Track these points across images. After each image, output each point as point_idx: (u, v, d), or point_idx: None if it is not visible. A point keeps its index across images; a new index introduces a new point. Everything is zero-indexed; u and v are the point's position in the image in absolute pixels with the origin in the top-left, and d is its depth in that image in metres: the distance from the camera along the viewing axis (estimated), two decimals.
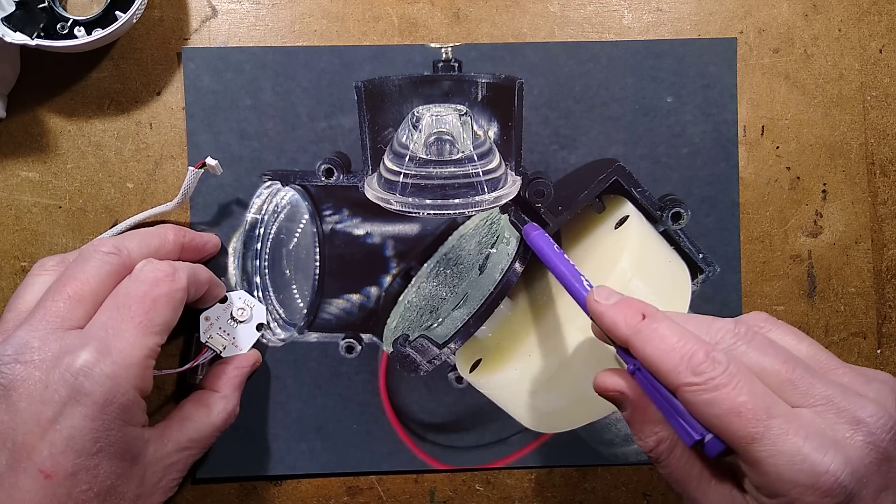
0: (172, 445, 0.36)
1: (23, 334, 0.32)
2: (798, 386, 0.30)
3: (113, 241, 0.36)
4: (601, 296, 0.33)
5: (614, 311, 0.33)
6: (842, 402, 0.29)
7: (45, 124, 0.42)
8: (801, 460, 0.28)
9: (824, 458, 0.28)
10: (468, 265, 0.43)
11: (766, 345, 0.31)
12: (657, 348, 0.31)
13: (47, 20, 0.40)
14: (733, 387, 0.29)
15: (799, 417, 0.29)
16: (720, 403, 0.29)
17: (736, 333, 0.31)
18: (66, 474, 0.30)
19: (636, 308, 0.32)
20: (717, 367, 0.29)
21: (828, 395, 0.30)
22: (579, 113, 0.43)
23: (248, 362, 0.41)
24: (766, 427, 0.28)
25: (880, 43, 0.44)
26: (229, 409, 0.39)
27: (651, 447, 0.32)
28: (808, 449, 0.28)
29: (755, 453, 0.28)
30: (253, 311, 0.41)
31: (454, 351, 0.43)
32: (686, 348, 0.30)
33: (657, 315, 0.32)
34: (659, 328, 0.31)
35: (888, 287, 0.44)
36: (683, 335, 0.31)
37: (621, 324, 0.32)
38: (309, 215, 0.43)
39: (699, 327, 0.31)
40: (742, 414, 0.28)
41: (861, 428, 0.29)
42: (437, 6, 0.43)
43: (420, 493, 0.43)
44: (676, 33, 0.44)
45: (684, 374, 0.30)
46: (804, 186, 0.44)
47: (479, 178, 0.43)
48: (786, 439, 0.28)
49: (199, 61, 0.42)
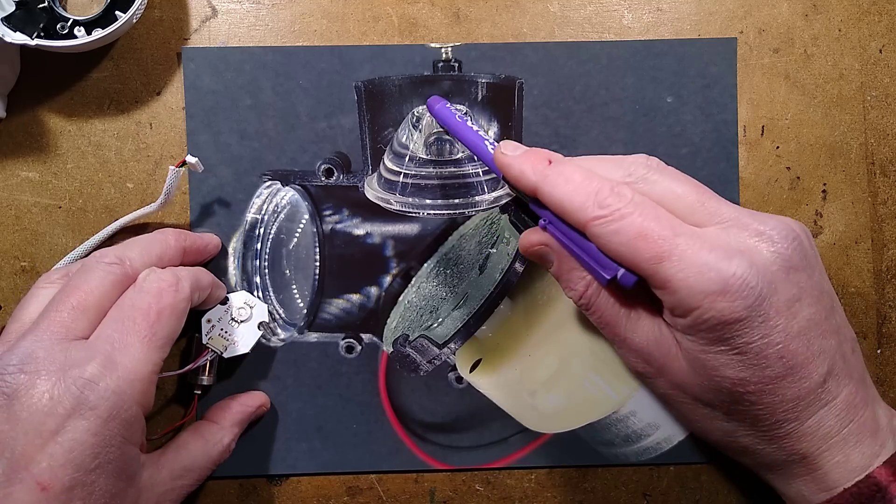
0: (167, 473, 0.36)
1: (27, 344, 0.32)
2: (707, 207, 0.31)
3: (115, 252, 0.36)
4: (507, 148, 0.34)
5: (521, 160, 0.33)
6: (746, 219, 0.30)
7: (45, 124, 0.42)
8: (708, 269, 0.28)
9: (730, 263, 0.29)
10: (468, 265, 0.43)
11: (677, 173, 0.32)
12: (564, 190, 0.31)
13: (47, 20, 0.40)
14: (639, 213, 0.30)
15: (704, 234, 0.30)
16: (626, 231, 0.29)
17: (648, 165, 0.32)
18: (62, 488, 0.30)
19: (542, 155, 0.33)
20: (622, 199, 0.30)
21: (733, 214, 0.31)
22: (579, 113, 0.43)
23: (254, 402, 0.41)
24: (673, 245, 0.29)
25: (880, 43, 0.44)
26: (225, 443, 0.39)
27: (580, 293, 0.33)
28: (713, 258, 0.29)
29: (664, 272, 0.29)
30: (253, 310, 0.41)
31: (454, 351, 0.43)
32: (592, 186, 0.31)
33: (563, 160, 0.33)
34: (565, 170, 0.32)
35: (888, 287, 0.44)
36: (589, 174, 0.31)
37: (529, 171, 0.33)
38: (309, 215, 0.43)
39: (613, 165, 0.32)
40: (648, 236, 0.29)
41: (764, 238, 0.30)
42: (437, 6, 0.43)
43: (420, 493, 0.43)
44: (676, 33, 0.44)
45: (591, 209, 0.30)
46: (804, 186, 0.44)
47: (479, 178, 0.43)
48: (692, 253, 0.29)
49: (199, 61, 0.42)
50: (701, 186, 0.32)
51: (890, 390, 0.44)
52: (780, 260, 0.29)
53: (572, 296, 0.34)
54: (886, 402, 0.35)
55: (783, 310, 0.29)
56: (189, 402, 0.42)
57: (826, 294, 0.31)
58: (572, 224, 0.31)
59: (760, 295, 0.28)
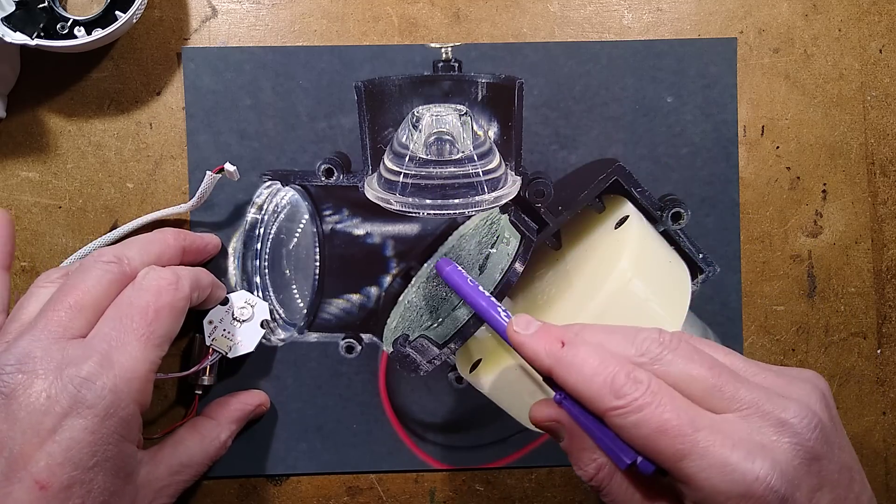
0: (164, 468, 0.36)
1: (25, 344, 0.32)
2: (724, 391, 0.30)
3: (113, 251, 0.36)
4: (520, 325, 0.33)
5: (534, 340, 0.33)
6: (766, 406, 0.29)
7: (45, 124, 0.42)
8: (731, 470, 0.28)
9: (753, 465, 0.28)
10: (468, 265, 0.43)
11: (692, 352, 0.31)
12: (579, 375, 0.30)
13: (47, 20, 0.40)
14: (657, 405, 0.29)
15: (724, 425, 0.29)
16: (646, 424, 0.29)
17: (661, 342, 0.31)
18: (60, 486, 0.30)
19: (555, 335, 0.32)
20: (638, 388, 0.29)
21: (752, 398, 0.30)
22: (579, 113, 0.43)
23: (254, 401, 0.41)
24: (693, 442, 0.28)
25: (880, 43, 0.44)
26: (222, 439, 0.39)
27: (591, 475, 0.32)
28: (735, 458, 0.28)
29: (686, 469, 0.28)
30: (255, 309, 0.41)
31: (454, 351, 0.43)
32: (607, 371, 0.30)
33: (576, 340, 0.32)
34: (579, 353, 0.31)
35: (888, 287, 0.44)
36: (603, 358, 0.30)
37: (542, 353, 0.32)
38: (309, 215, 0.43)
39: (625, 340, 0.31)
40: (668, 431, 0.28)
41: (786, 430, 0.29)
42: (437, 6, 0.43)
43: (420, 493, 0.43)
44: (676, 33, 0.44)
45: (608, 398, 0.29)
46: (804, 186, 0.44)
47: (479, 178, 0.43)
48: (713, 451, 0.28)
49: (199, 61, 0.42)
50: (716, 366, 0.30)
51: (890, 390, 0.44)
52: (802, 452, 0.28)
53: (582, 475, 0.33)
54: (886, 401, 0.35)
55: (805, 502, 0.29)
56: (190, 402, 0.42)
57: (846, 468, 0.30)
58: (589, 409, 0.31)
59: (784, 497, 0.28)
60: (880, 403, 0.44)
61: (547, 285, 0.43)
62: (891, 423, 0.44)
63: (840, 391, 0.44)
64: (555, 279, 0.43)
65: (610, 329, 0.32)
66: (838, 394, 0.44)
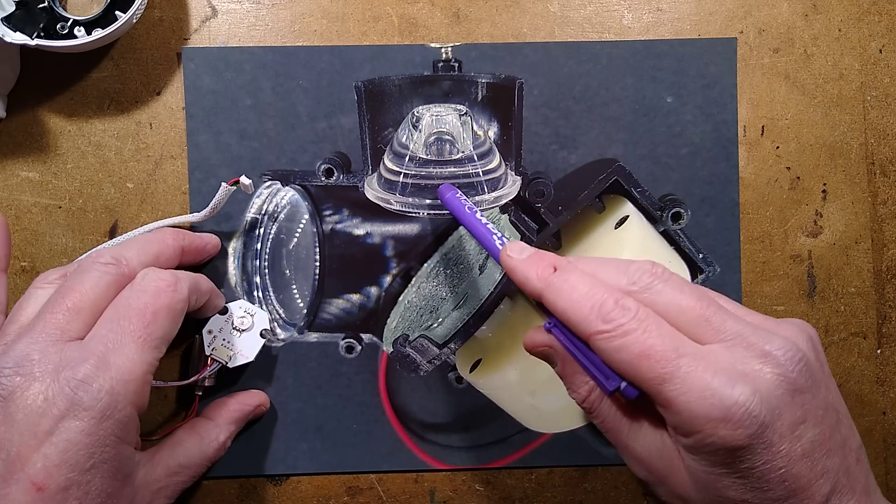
0: (162, 470, 0.36)
1: (23, 346, 0.32)
2: (711, 322, 0.30)
3: (111, 252, 0.36)
4: (514, 251, 0.34)
5: (526, 265, 0.33)
6: (751, 337, 0.30)
7: (45, 124, 0.42)
8: (711, 394, 0.28)
9: (733, 390, 0.28)
10: (468, 265, 0.43)
11: (682, 283, 0.31)
12: (568, 300, 0.31)
13: (47, 20, 0.40)
14: (643, 331, 0.29)
15: (708, 354, 0.29)
16: (630, 348, 0.29)
17: (653, 273, 0.31)
18: (57, 488, 0.30)
19: (548, 261, 0.33)
20: (626, 314, 0.29)
21: (738, 330, 0.30)
22: (579, 113, 0.43)
23: (253, 401, 0.41)
24: (675, 366, 0.29)
25: (880, 43, 0.44)
26: (221, 441, 0.39)
27: (583, 397, 0.33)
28: (716, 383, 0.28)
29: (667, 393, 0.29)
30: (255, 318, 0.41)
31: (454, 351, 0.43)
32: (596, 297, 0.30)
33: (568, 266, 0.32)
34: (570, 279, 0.31)
35: (888, 287, 0.44)
36: (594, 284, 0.31)
37: (533, 277, 0.32)
38: (309, 215, 0.43)
39: (617, 271, 0.32)
40: (651, 356, 0.29)
41: (769, 360, 0.29)
42: (437, 6, 0.43)
43: (420, 493, 0.43)
44: (676, 33, 0.44)
45: (595, 322, 0.30)
46: (804, 186, 0.44)
47: (479, 178, 0.43)
48: (695, 376, 0.28)
49: (199, 61, 0.42)
50: (706, 297, 0.31)
51: (890, 390, 0.44)
52: (784, 383, 0.29)
53: (575, 398, 0.33)
54: (886, 401, 0.35)
55: (787, 434, 0.29)
56: (190, 403, 0.42)
57: (832, 408, 0.31)
58: (577, 333, 0.31)
59: (763, 423, 0.28)
60: (880, 403, 0.44)
61: None
62: (891, 423, 0.44)
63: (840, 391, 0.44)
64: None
65: (603, 260, 0.33)
66: None
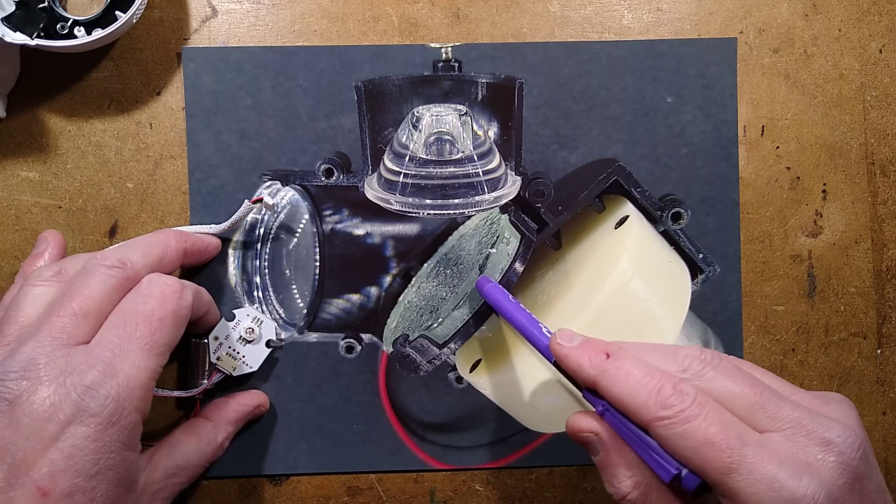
0: (160, 471, 0.36)
1: (29, 350, 0.32)
2: (766, 410, 0.30)
3: (116, 254, 0.35)
4: (564, 339, 0.33)
5: (578, 352, 0.33)
6: (809, 425, 0.29)
7: (45, 124, 0.42)
8: (779, 487, 0.28)
9: (800, 483, 0.28)
10: (468, 265, 0.43)
11: (733, 369, 0.31)
12: (624, 385, 0.30)
13: (47, 20, 0.40)
14: (703, 417, 0.29)
15: (770, 444, 0.29)
16: (693, 435, 0.29)
17: (703, 360, 0.31)
18: (62, 493, 0.30)
19: (599, 348, 0.32)
20: (685, 399, 0.29)
21: (795, 417, 0.30)
22: (579, 113, 0.43)
23: (252, 401, 0.41)
24: (741, 456, 0.28)
25: (880, 43, 0.44)
26: (219, 441, 0.39)
27: (627, 492, 0.32)
28: (783, 475, 0.28)
29: (732, 484, 0.28)
30: (261, 328, 0.41)
31: (454, 351, 0.43)
32: (653, 383, 0.30)
33: (621, 353, 0.32)
34: (624, 365, 0.31)
35: (888, 287, 0.44)
36: (648, 370, 0.31)
37: (586, 364, 0.32)
38: (309, 215, 0.43)
39: (666, 357, 0.31)
40: (715, 444, 0.28)
41: (831, 449, 0.29)
42: (437, 6, 0.43)
43: (420, 493, 0.43)
44: (676, 33, 0.44)
45: (654, 408, 0.29)
46: (804, 186, 0.44)
47: (479, 178, 0.43)
48: (761, 467, 0.28)
49: (199, 61, 0.42)
50: (758, 384, 0.31)
51: (890, 390, 0.44)
52: (846, 472, 0.29)
53: (614, 492, 0.33)
54: (886, 401, 0.35)
55: None
56: (188, 406, 0.42)
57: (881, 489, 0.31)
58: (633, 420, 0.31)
59: None
60: (880, 403, 0.44)
61: (547, 285, 0.43)
62: (891, 423, 0.44)
63: (840, 391, 0.44)
64: (555, 279, 0.43)
65: (651, 346, 0.32)
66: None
